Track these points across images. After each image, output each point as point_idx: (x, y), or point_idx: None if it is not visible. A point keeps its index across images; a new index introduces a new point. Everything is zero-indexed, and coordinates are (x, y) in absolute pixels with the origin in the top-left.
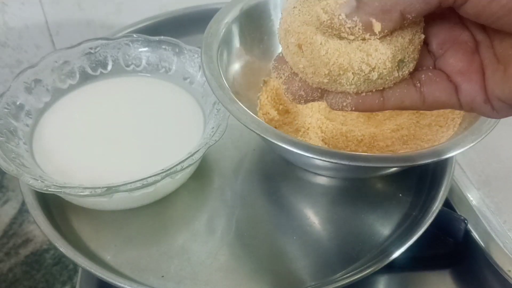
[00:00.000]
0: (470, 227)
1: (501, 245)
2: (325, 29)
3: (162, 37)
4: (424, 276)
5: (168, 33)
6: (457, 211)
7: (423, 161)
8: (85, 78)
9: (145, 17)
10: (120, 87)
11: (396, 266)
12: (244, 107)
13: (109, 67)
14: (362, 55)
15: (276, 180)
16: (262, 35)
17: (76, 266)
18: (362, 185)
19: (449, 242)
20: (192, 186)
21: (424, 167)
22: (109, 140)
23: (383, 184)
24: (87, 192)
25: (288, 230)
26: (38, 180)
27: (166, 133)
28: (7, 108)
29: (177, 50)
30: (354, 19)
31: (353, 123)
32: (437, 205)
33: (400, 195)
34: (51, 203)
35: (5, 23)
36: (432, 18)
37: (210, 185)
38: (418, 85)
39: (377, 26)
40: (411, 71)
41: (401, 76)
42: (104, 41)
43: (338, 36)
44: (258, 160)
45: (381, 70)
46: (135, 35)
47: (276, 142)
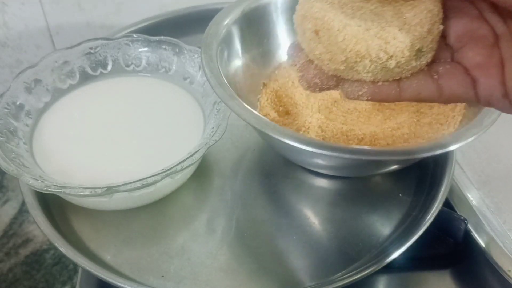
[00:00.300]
0: (470, 227)
1: (501, 245)
2: None
3: (162, 37)
4: (424, 276)
5: (168, 33)
6: (457, 211)
7: (424, 154)
8: (85, 78)
9: (145, 17)
10: (120, 87)
11: (396, 266)
12: (244, 104)
13: (109, 67)
14: (380, 42)
15: (276, 180)
16: (262, 38)
17: (76, 266)
18: (362, 185)
19: (449, 242)
20: (192, 186)
21: (424, 167)
22: (109, 140)
23: (383, 184)
24: (87, 192)
25: (288, 230)
26: (38, 180)
27: (166, 133)
28: (7, 108)
29: (177, 50)
30: None
31: (354, 123)
32: (437, 205)
33: (400, 195)
34: (51, 203)
35: (5, 23)
36: (451, 11)
37: (210, 185)
38: (436, 77)
39: None
40: (429, 62)
41: (419, 66)
42: (104, 41)
43: None
44: (258, 160)
45: (399, 59)
46: (135, 35)
47: (276, 137)
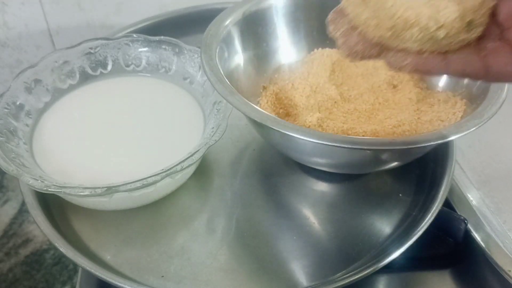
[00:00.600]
0: (470, 227)
1: (501, 245)
2: None
3: (162, 37)
4: (424, 276)
5: (168, 33)
6: (457, 211)
7: (425, 144)
8: (85, 78)
9: (145, 17)
10: (120, 87)
11: (396, 266)
12: (244, 99)
13: (109, 67)
14: (431, 11)
15: (276, 180)
16: (262, 41)
17: (76, 266)
18: (362, 186)
19: (449, 242)
20: (192, 186)
21: (424, 167)
22: (109, 140)
23: (383, 184)
24: (87, 192)
25: (288, 230)
26: (38, 180)
27: (166, 133)
28: (7, 108)
29: (177, 50)
30: None
31: (354, 122)
32: (437, 205)
33: (400, 195)
34: (51, 203)
35: (5, 23)
36: None
37: (210, 185)
38: (483, 54)
39: None
40: (477, 38)
41: (468, 40)
42: (104, 41)
43: None
44: (258, 160)
45: (449, 29)
46: (135, 35)
47: (278, 129)
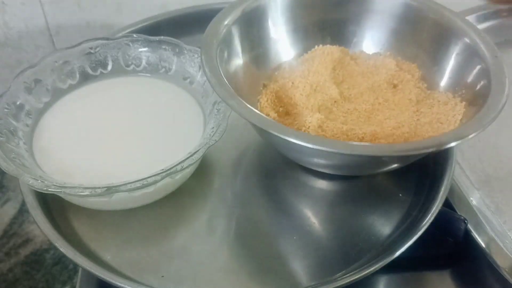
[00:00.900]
0: (470, 227)
1: (501, 245)
2: None
3: (162, 37)
4: (424, 276)
5: (168, 33)
6: (457, 211)
7: (424, 151)
8: (85, 78)
9: (145, 17)
10: (120, 87)
11: (396, 266)
12: (244, 102)
13: (109, 67)
14: None
15: (276, 180)
16: (262, 39)
17: (76, 266)
18: (362, 185)
19: (449, 242)
20: (192, 186)
21: (424, 167)
22: (109, 140)
23: (383, 184)
24: (87, 192)
25: (288, 230)
26: (38, 180)
27: (166, 133)
28: (7, 108)
29: (177, 50)
30: None
31: (354, 123)
32: (437, 205)
33: (400, 195)
34: (51, 203)
35: (5, 23)
36: None
37: (210, 185)
38: None
39: None
40: None
41: None
42: (104, 41)
43: None
44: (258, 160)
45: None
46: (135, 35)
47: (278, 134)
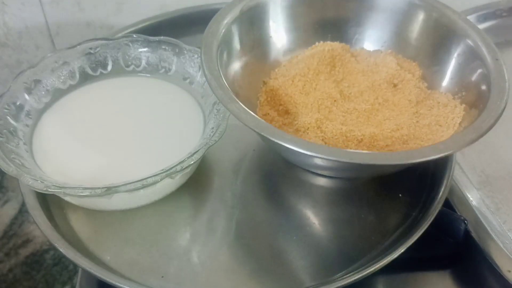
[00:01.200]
0: (470, 228)
1: (501, 245)
2: None
3: (162, 38)
4: (424, 277)
5: (168, 33)
6: (457, 212)
7: (422, 159)
8: (85, 79)
9: (145, 17)
10: (120, 88)
11: (396, 267)
12: (244, 106)
13: (109, 67)
14: None
15: (276, 181)
16: (262, 36)
17: (76, 267)
18: (362, 186)
19: (449, 243)
20: (192, 187)
21: (424, 168)
22: (109, 141)
23: (383, 185)
24: (87, 193)
25: (288, 231)
26: (38, 181)
27: (166, 134)
28: (7, 109)
29: (177, 51)
30: None
31: (353, 123)
32: (437, 205)
33: (400, 196)
34: (51, 204)
35: (5, 24)
36: None
37: (210, 186)
38: None
39: None
40: None
41: None
42: (104, 42)
43: None
44: (258, 161)
45: None
46: (135, 35)
47: (276, 141)
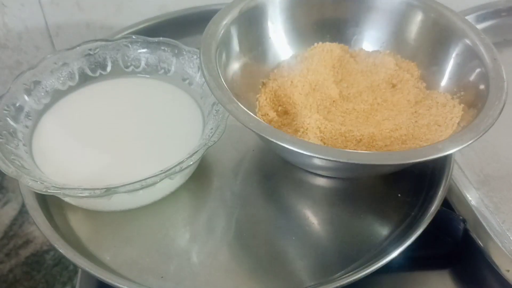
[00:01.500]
0: (469, 227)
1: (500, 245)
2: None
3: (161, 38)
4: (423, 276)
5: (168, 34)
6: (456, 211)
7: (421, 159)
8: (85, 80)
9: (145, 18)
10: (120, 88)
11: (395, 266)
12: (243, 107)
13: (109, 68)
14: None
15: (275, 181)
16: (261, 37)
17: (76, 267)
18: (361, 186)
19: (448, 242)
20: (191, 187)
21: (423, 167)
22: (108, 141)
23: (382, 184)
24: (86, 193)
25: (287, 231)
26: (38, 182)
27: (165, 134)
28: (7, 110)
29: (176, 51)
30: None
31: (352, 123)
32: (436, 205)
33: (399, 195)
34: (51, 205)
35: (5, 24)
36: None
37: (209, 186)
38: None
39: None
40: None
41: None
42: (103, 43)
43: None
44: (257, 161)
45: None
46: (134, 36)
47: (275, 141)
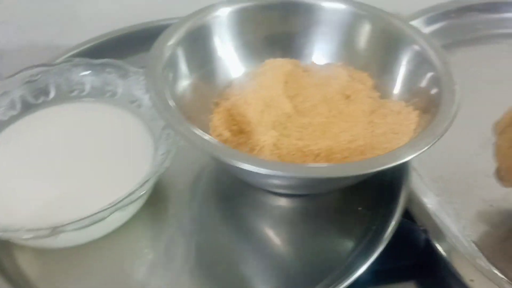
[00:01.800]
0: (431, 236)
1: (462, 253)
2: None
3: (105, 60)
4: None
5: (115, 53)
6: (418, 221)
7: (378, 168)
8: (27, 108)
9: (90, 38)
10: (64, 115)
11: (360, 281)
12: (192, 128)
13: (52, 94)
14: None
15: (234, 202)
16: (209, 57)
17: None
18: (322, 202)
19: (411, 253)
20: (146, 215)
21: (382, 178)
22: (55, 173)
23: (342, 199)
24: (31, 235)
25: (251, 254)
26: None
27: (115, 162)
28: None
29: (122, 73)
30: None
31: (309, 138)
32: (397, 217)
33: (360, 209)
34: None
35: None
36: None
37: (165, 212)
38: None
39: None
40: None
41: None
42: (45, 68)
43: None
44: (215, 183)
45: None
46: (77, 59)
47: (227, 161)
